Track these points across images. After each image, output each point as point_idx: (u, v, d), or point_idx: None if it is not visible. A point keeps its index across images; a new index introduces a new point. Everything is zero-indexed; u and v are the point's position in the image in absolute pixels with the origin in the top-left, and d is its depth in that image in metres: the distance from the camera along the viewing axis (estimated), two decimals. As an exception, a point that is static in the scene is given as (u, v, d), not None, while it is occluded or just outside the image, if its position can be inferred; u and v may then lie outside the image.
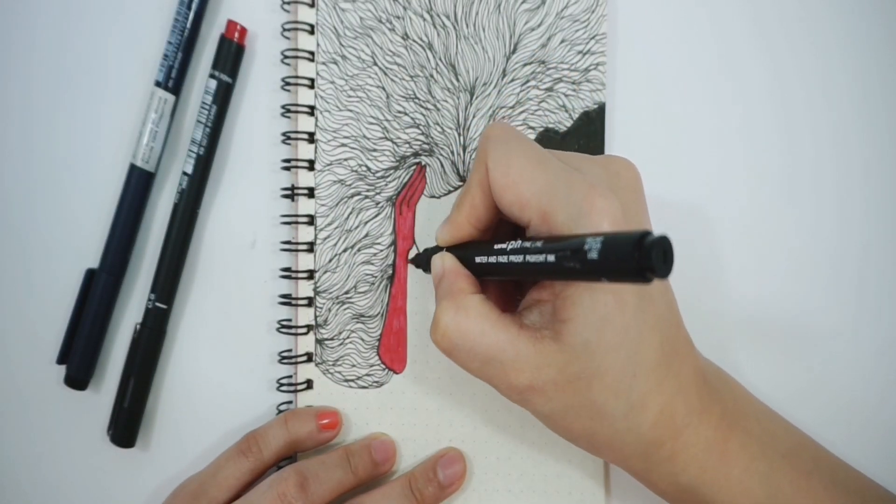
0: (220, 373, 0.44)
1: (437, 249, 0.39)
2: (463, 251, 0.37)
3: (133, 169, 0.42)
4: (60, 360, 0.42)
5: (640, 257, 0.24)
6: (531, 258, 0.30)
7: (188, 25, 0.42)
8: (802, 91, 0.46)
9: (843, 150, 0.46)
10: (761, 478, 0.36)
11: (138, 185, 0.43)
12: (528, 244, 0.31)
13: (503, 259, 0.33)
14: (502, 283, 0.39)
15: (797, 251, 0.46)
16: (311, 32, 0.43)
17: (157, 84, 0.42)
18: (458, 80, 0.44)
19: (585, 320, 0.32)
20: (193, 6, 0.42)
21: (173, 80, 0.42)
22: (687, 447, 0.35)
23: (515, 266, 0.32)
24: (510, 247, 0.32)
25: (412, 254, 0.44)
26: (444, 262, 0.37)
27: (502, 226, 0.37)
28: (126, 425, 0.42)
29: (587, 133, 0.43)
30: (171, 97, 0.42)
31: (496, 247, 0.33)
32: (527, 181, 0.33)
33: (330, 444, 0.42)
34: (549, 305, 0.34)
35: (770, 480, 0.36)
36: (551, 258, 0.29)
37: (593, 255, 0.26)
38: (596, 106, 0.44)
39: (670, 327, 0.35)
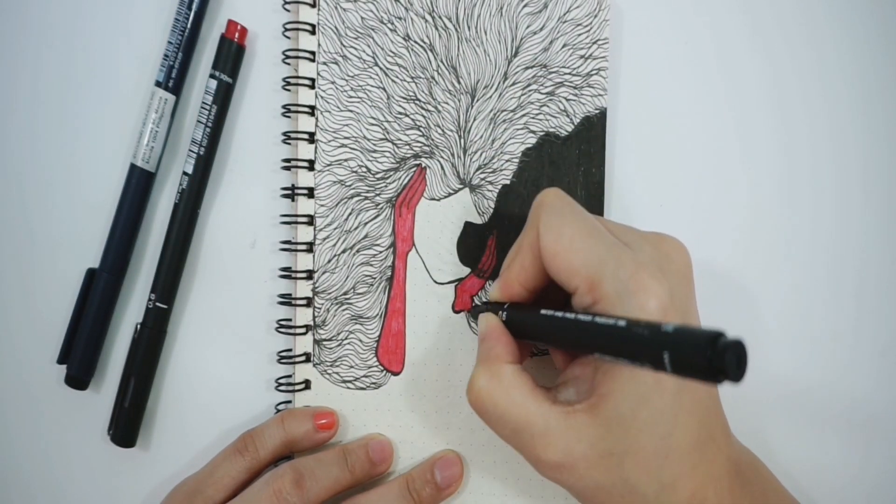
0: (220, 372, 0.44)
1: (497, 305, 0.39)
2: (519, 311, 0.37)
3: (133, 169, 0.42)
4: (61, 360, 0.42)
5: (714, 357, 0.23)
6: (600, 321, 0.30)
7: (188, 25, 0.42)
8: (802, 95, 0.46)
9: (843, 153, 0.46)
10: None
11: (138, 185, 0.43)
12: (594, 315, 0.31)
13: (570, 316, 0.32)
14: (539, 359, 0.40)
15: (798, 252, 0.46)
16: (312, 32, 0.43)
17: (158, 84, 0.42)
18: (459, 82, 0.43)
19: (623, 395, 0.32)
20: (194, 6, 0.42)
21: (173, 80, 0.42)
22: None
23: (574, 327, 0.32)
24: (576, 313, 0.32)
25: (476, 303, 0.44)
26: (489, 323, 0.38)
27: (549, 294, 0.38)
28: (127, 425, 0.42)
29: (588, 138, 0.43)
30: (171, 97, 0.42)
31: (565, 314, 0.33)
32: (577, 250, 0.34)
33: (326, 445, 0.43)
34: (585, 382, 0.34)
35: None
36: (622, 323, 0.28)
37: (668, 328, 0.25)
38: (597, 111, 0.43)
39: (708, 414, 0.35)
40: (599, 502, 0.34)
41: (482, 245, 0.44)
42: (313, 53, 0.43)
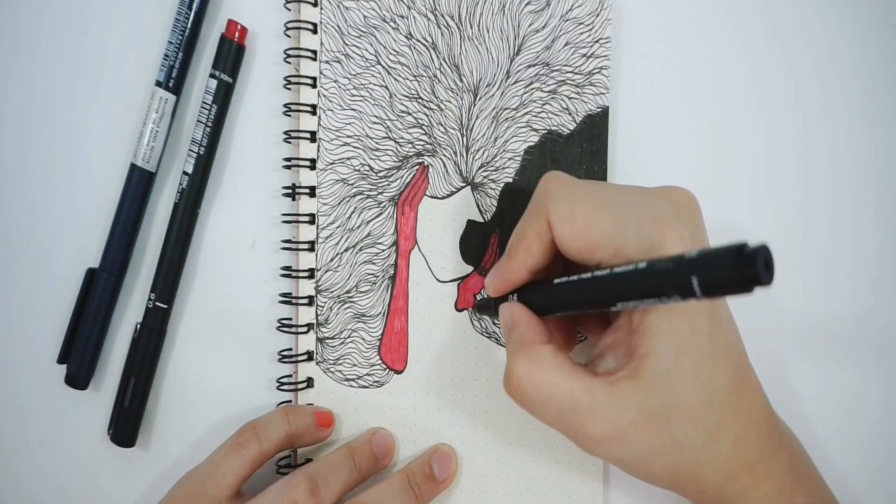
0: (221, 372, 0.44)
1: (502, 299, 0.39)
2: (530, 291, 0.37)
3: (133, 169, 0.42)
4: (61, 360, 0.42)
5: (745, 266, 0.23)
6: (618, 270, 0.30)
7: (189, 25, 0.42)
8: (805, 91, 0.46)
9: (857, 148, 0.46)
10: None
11: (139, 184, 0.42)
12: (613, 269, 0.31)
13: (586, 276, 0.33)
14: (565, 330, 0.40)
15: (799, 253, 0.46)
16: (314, 31, 0.43)
17: (158, 84, 0.42)
18: (461, 80, 0.43)
19: (664, 350, 0.32)
20: (194, 6, 0.42)
21: (174, 79, 0.42)
22: (759, 485, 0.35)
23: (595, 285, 0.32)
24: (593, 274, 0.32)
25: (478, 299, 0.44)
26: (514, 312, 0.37)
27: (551, 270, 0.38)
28: (126, 425, 0.42)
29: (590, 136, 0.44)
30: (171, 97, 0.42)
31: (582, 275, 0.33)
32: (594, 224, 0.34)
33: (327, 443, 0.43)
34: (621, 348, 0.34)
35: None
36: (642, 265, 0.29)
37: (692, 255, 0.26)
38: (599, 109, 0.44)
39: (740, 356, 0.35)
40: (648, 467, 0.34)
41: (485, 243, 0.44)
42: (315, 52, 0.43)
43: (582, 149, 0.44)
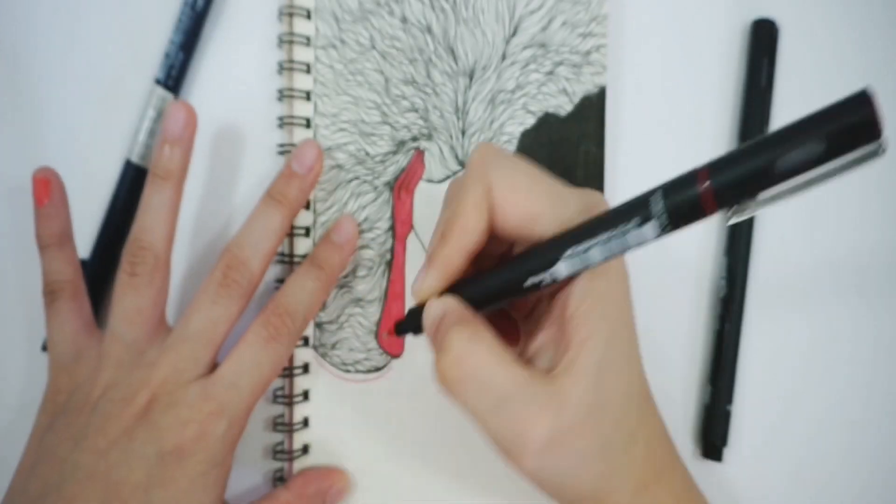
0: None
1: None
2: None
3: (129, 165, 0.42)
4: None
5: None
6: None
7: (192, 25, 0.42)
8: (803, 68, 0.45)
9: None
10: None
11: (133, 181, 0.42)
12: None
13: (545, 241, 0.30)
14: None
15: (794, 241, 0.46)
16: (308, 17, 0.43)
17: (158, 82, 0.42)
18: (457, 63, 0.43)
19: (597, 338, 0.30)
20: (198, 6, 0.42)
21: (173, 78, 0.42)
22: (664, 497, 0.32)
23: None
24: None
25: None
26: (446, 303, 0.32)
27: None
28: None
29: (588, 117, 0.43)
30: (169, 95, 0.42)
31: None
32: (536, 191, 0.32)
33: None
34: (554, 345, 0.31)
35: None
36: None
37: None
38: (597, 89, 0.43)
39: (640, 365, 0.33)
40: (574, 481, 0.31)
41: (482, 227, 0.43)
42: (308, 38, 0.43)
43: (580, 130, 0.43)
